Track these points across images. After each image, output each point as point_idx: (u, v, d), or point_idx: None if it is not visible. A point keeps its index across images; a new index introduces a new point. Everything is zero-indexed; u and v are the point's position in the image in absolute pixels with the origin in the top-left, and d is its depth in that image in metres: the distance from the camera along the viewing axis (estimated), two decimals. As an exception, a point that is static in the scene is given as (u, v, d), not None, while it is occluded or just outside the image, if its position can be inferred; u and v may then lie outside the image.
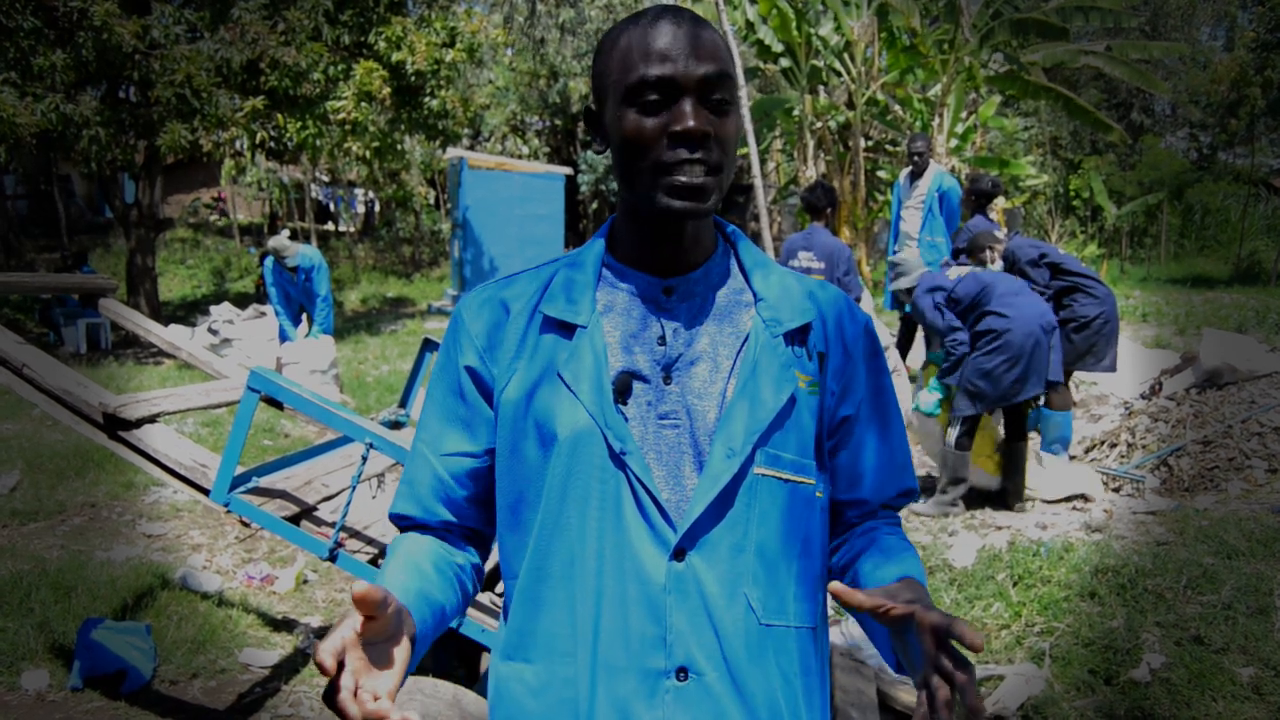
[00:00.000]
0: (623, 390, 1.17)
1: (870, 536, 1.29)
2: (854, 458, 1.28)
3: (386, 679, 0.96)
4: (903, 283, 5.68)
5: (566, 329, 1.19)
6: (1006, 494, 5.29)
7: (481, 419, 1.23)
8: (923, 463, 5.99)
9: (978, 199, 6.85)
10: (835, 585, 1.03)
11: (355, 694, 0.91)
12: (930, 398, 5.49)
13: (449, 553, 1.26)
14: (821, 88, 14.19)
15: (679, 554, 1.13)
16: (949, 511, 5.16)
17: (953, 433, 5.18)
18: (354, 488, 2.75)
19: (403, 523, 1.29)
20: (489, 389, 1.22)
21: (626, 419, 1.16)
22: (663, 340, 1.19)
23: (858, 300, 6.25)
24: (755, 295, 1.23)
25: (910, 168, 8.03)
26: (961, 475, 5.19)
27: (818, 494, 1.23)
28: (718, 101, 1.12)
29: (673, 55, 1.11)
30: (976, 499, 5.39)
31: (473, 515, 1.28)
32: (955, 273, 5.41)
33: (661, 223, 1.17)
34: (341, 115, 11.59)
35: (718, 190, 1.14)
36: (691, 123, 1.10)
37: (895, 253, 8.12)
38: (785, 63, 13.08)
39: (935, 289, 5.29)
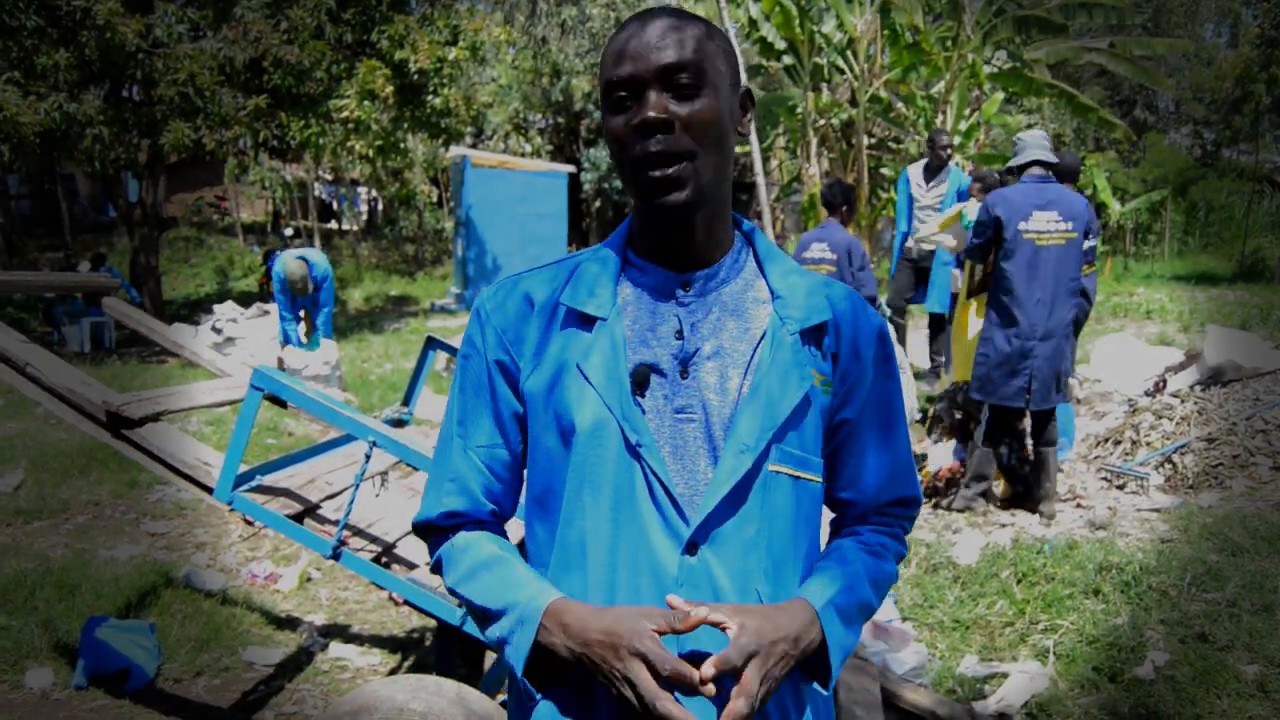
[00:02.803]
0: (640, 383, 1.17)
1: (840, 540, 1.30)
2: (852, 460, 1.28)
3: None
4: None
5: (586, 321, 1.20)
6: (1036, 500, 5.13)
7: (510, 411, 1.25)
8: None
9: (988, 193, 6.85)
10: (670, 596, 1.10)
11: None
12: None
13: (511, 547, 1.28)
14: (824, 85, 14.18)
15: (691, 547, 1.14)
16: (971, 506, 5.12)
17: (980, 430, 5.16)
18: (357, 486, 2.75)
19: (452, 520, 1.28)
20: (515, 379, 1.24)
21: (643, 411, 1.16)
22: (680, 334, 1.19)
23: (872, 299, 6.21)
24: (773, 292, 1.23)
25: (926, 163, 7.89)
26: (984, 473, 5.14)
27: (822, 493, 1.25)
28: (683, 87, 1.12)
29: (637, 53, 1.12)
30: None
31: (509, 505, 1.30)
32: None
33: (660, 218, 1.18)
34: (344, 114, 11.59)
35: (695, 177, 1.13)
36: (650, 113, 1.11)
37: (902, 252, 8.03)
38: (788, 60, 13.07)
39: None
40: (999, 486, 5.30)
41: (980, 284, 5.59)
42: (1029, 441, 5.19)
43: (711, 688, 1.03)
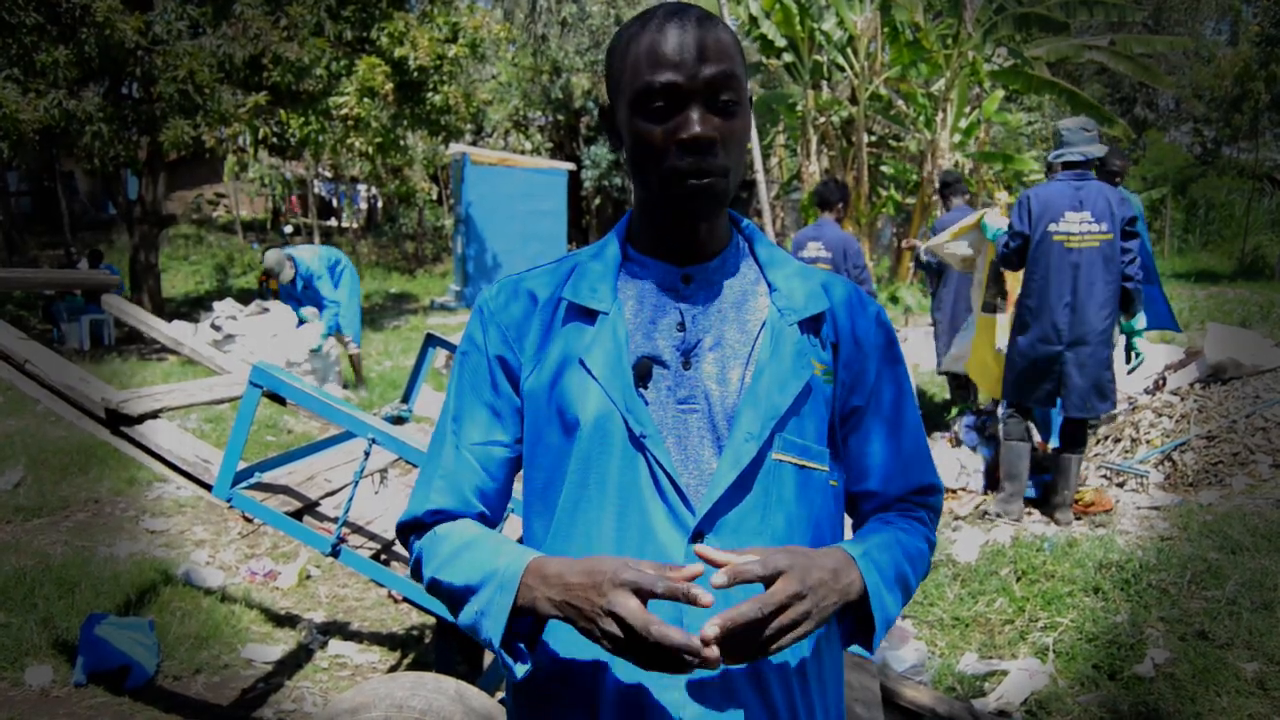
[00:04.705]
0: (643, 375, 1.18)
1: (867, 526, 1.29)
2: (863, 448, 1.28)
3: None
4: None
5: (588, 316, 1.20)
6: (1053, 506, 5.02)
7: (511, 407, 1.25)
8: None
9: (945, 190, 7.07)
10: (699, 547, 1.06)
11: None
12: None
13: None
14: (824, 83, 14.17)
15: (698, 536, 1.14)
16: (1006, 511, 4.96)
17: (1002, 428, 5.10)
18: (356, 483, 2.75)
19: (437, 518, 1.25)
20: (516, 377, 1.24)
21: (646, 403, 1.17)
22: (682, 326, 1.20)
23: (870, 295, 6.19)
24: (770, 285, 1.24)
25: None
26: (1014, 471, 4.97)
27: (831, 482, 1.25)
28: (724, 103, 1.12)
29: (678, 61, 1.11)
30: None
31: (498, 508, 1.29)
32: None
33: (682, 223, 1.19)
34: (344, 111, 11.59)
35: (727, 190, 1.15)
36: (698, 129, 1.10)
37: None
38: (788, 58, 13.07)
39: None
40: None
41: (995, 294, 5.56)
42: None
43: (709, 599, 0.97)
